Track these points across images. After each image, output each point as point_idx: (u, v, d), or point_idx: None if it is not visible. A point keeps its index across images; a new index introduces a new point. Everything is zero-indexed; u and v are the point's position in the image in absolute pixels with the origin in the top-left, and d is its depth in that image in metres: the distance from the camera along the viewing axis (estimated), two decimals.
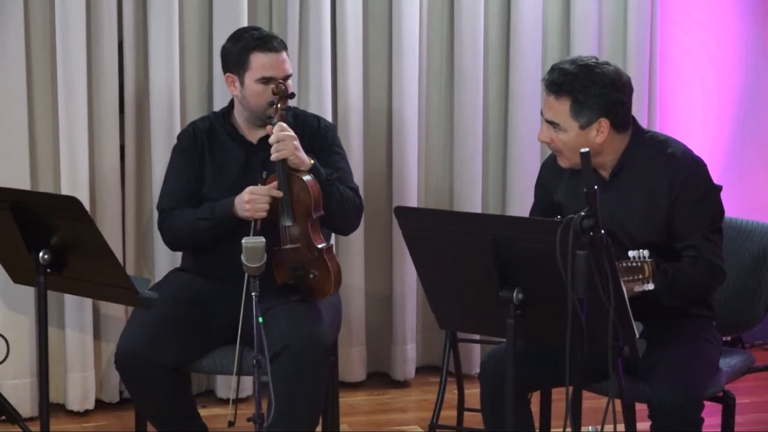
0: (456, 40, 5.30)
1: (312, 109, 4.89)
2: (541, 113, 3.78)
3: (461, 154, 5.36)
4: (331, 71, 5.11)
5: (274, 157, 3.99)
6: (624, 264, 3.46)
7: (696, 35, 5.68)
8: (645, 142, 3.80)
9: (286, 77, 4.17)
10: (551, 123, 3.73)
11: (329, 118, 5.02)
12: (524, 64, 5.33)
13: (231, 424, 3.90)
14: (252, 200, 4.01)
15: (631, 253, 3.47)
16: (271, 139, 4.00)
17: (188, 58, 4.98)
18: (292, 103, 4.25)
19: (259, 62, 4.17)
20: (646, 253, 3.47)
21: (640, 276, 3.46)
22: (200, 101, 5.03)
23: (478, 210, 5.34)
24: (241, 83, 4.21)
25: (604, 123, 3.69)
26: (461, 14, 5.26)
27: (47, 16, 4.77)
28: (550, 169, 3.96)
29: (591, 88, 3.66)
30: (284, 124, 4.04)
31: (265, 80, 4.15)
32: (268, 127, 4.05)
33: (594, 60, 3.74)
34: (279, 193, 4.00)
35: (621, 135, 3.76)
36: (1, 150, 4.73)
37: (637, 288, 3.47)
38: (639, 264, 3.46)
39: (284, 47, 4.24)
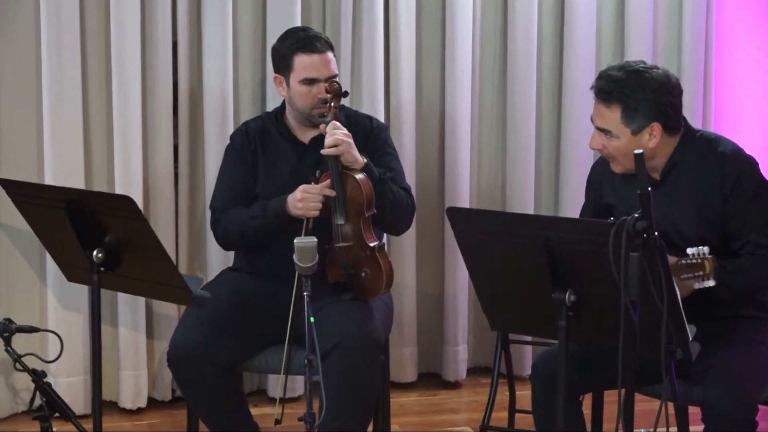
0: (509, 40, 5.28)
1: (364, 109, 4.90)
2: (591, 120, 3.75)
3: (514, 155, 5.34)
4: (383, 71, 5.11)
5: (326, 151, 3.99)
6: (683, 261, 3.44)
7: (751, 34, 5.62)
8: (695, 141, 3.77)
9: (330, 78, 4.16)
10: (602, 130, 3.71)
11: (381, 117, 5.02)
12: (578, 64, 5.30)
13: (278, 422, 3.91)
14: (305, 198, 4.02)
15: (689, 251, 3.45)
16: (327, 138, 4.00)
17: (242, 58, 5.00)
18: (344, 103, 4.25)
19: (302, 63, 4.18)
20: (705, 249, 3.45)
21: (701, 273, 3.44)
22: (253, 101, 5.04)
23: (531, 211, 5.32)
24: (287, 84, 4.22)
25: (656, 127, 3.66)
26: (515, 13, 5.24)
27: (102, 17, 4.80)
28: (600, 170, 3.94)
29: (641, 93, 3.63)
30: (338, 123, 4.04)
31: (308, 81, 4.15)
32: (322, 125, 4.06)
33: (642, 65, 3.71)
34: (332, 192, 4.01)
35: (673, 137, 3.73)
36: (57, 150, 4.76)
37: (697, 285, 3.45)
38: (699, 261, 3.44)
39: (329, 47, 4.23)
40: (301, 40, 4.20)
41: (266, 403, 5.05)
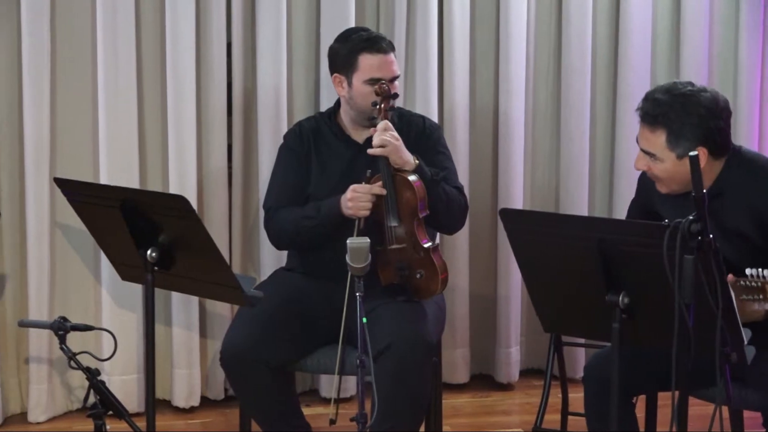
0: (564, 40, 5.26)
1: (418, 109, 4.89)
2: (637, 142, 3.71)
3: (568, 156, 5.31)
4: (437, 71, 5.11)
5: (372, 150, 3.99)
6: (742, 283, 3.38)
7: None
8: (741, 162, 3.69)
9: (394, 78, 4.18)
10: (647, 153, 3.66)
11: (435, 118, 5.01)
12: (633, 65, 5.26)
13: (332, 422, 3.91)
14: (354, 198, 4.02)
15: (748, 271, 3.38)
16: (375, 139, 4.01)
17: (296, 59, 5.01)
18: (398, 103, 4.25)
19: (368, 63, 4.18)
20: (766, 272, 3.38)
21: (761, 296, 3.38)
22: (307, 102, 5.05)
23: (585, 213, 5.30)
24: (349, 84, 4.22)
25: (702, 151, 3.59)
26: (569, 14, 5.22)
27: (157, 18, 4.83)
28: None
29: (687, 118, 3.56)
30: (389, 124, 4.04)
31: (373, 81, 4.15)
32: (372, 129, 4.06)
33: (690, 87, 3.62)
34: (382, 191, 4.01)
35: (719, 160, 3.67)
36: (112, 149, 4.80)
37: (758, 307, 3.40)
38: (759, 284, 3.38)
39: (392, 48, 4.25)
40: (366, 40, 4.22)
41: (318, 403, 5.06)
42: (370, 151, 4.01)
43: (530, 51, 5.26)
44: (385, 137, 4.00)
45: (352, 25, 4.89)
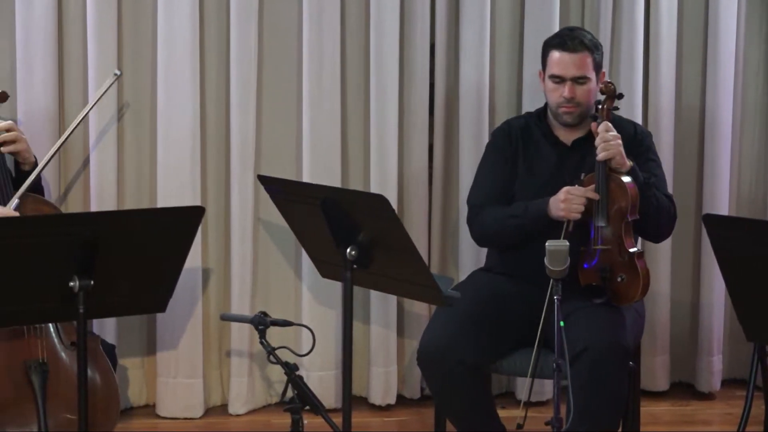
0: None
1: (622, 109, 4.83)
2: None
3: None
4: (642, 72, 5.03)
5: (600, 156, 3.97)
6: None
7: None
8: None
9: (574, 78, 4.14)
10: None
11: (639, 118, 4.95)
12: None
13: (519, 426, 3.88)
14: (568, 200, 4.00)
15: None
16: (598, 139, 3.98)
17: (498, 59, 4.99)
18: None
19: (553, 59, 4.21)
20: None
21: None
22: (509, 102, 5.03)
23: None
24: (543, 79, 4.24)
25: None
26: None
27: (362, 19, 4.88)
28: None
29: None
30: (609, 124, 4.01)
31: (555, 78, 4.16)
32: (593, 124, 4.03)
33: None
34: (595, 196, 3.98)
35: None
36: (315, 148, 4.86)
37: None
38: None
39: (585, 48, 4.19)
40: (558, 37, 4.25)
41: (514, 405, 5.03)
42: (599, 157, 3.97)
43: (740, 50, 5.14)
44: (609, 138, 3.97)
45: (557, 25, 4.87)
